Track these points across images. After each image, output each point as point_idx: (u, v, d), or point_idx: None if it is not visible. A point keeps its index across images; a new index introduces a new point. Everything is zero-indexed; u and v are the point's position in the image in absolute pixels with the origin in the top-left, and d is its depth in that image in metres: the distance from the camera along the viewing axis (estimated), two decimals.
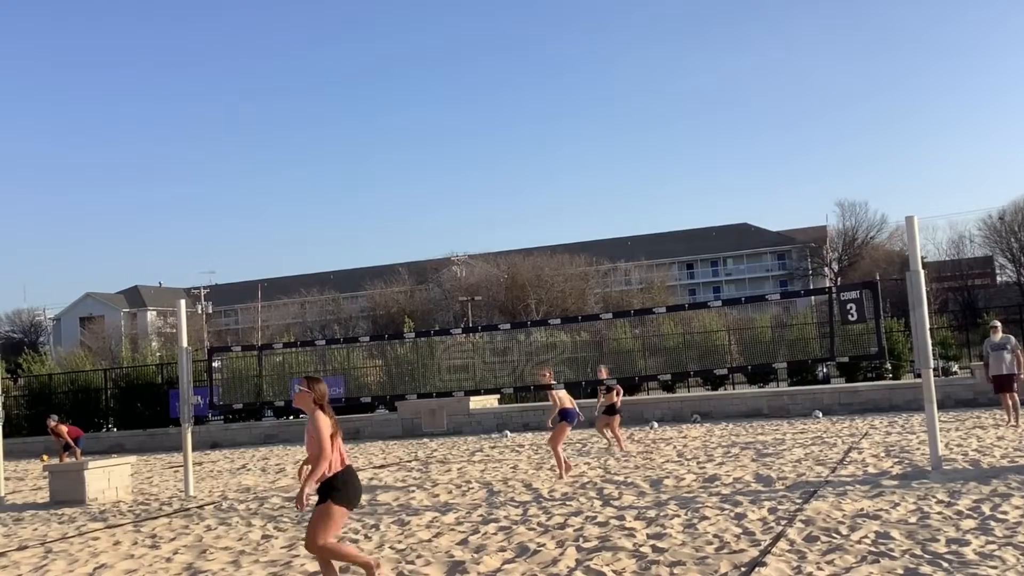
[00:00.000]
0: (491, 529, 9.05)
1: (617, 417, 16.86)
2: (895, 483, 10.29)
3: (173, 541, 9.68)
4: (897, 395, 23.38)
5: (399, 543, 8.62)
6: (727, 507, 9.39)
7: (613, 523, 8.90)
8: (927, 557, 6.62)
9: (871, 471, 11.45)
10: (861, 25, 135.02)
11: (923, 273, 11.55)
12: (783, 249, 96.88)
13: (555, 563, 7.27)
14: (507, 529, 9.00)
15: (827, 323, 16.56)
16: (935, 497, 9.16)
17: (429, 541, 8.64)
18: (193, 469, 15.13)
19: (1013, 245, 79.32)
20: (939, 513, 8.29)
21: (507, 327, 28.03)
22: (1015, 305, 54.32)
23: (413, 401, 26.36)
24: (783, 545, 7.34)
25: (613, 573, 6.84)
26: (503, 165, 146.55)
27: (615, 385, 16.50)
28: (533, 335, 32.15)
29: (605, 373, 16.97)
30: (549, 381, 13.51)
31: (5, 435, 18.95)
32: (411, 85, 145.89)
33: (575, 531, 8.61)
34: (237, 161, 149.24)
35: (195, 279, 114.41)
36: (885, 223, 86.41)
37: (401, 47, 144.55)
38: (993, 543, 6.92)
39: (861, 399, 23.67)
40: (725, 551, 7.30)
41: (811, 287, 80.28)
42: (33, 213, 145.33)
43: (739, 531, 8.09)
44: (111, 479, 14.41)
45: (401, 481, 14.04)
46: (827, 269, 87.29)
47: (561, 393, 13.45)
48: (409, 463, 17.42)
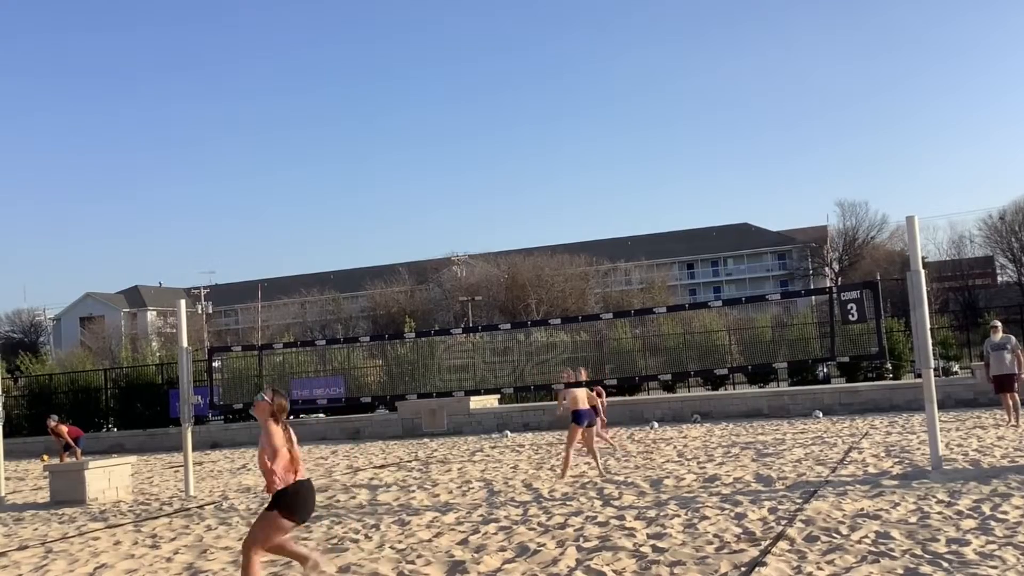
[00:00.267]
0: (491, 529, 9.06)
1: (599, 419, 16.59)
2: (895, 483, 10.30)
3: (173, 541, 9.68)
4: (897, 395, 23.38)
5: (399, 543, 8.63)
6: (727, 507, 9.39)
7: (613, 523, 8.90)
8: (927, 557, 6.62)
9: (871, 471, 11.45)
10: (861, 25, 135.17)
11: (923, 273, 11.55)
12: (783, 249, 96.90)
13: (555, 563, 7.27)
14: (507, 529, 9.00)
15: (827, 323, 16.57)
16: (935, 497, 9.16)
17: (429, 541, 8.64)
18: (193, 469, 15.13)
19: (1013, 245, 79.35)
20: (939, 513, 8.29)
21: (507, 327, 28.07)
22: (1016, 305, 54.35)
23: (413, 401, 26.37)
24: (783, 545, 7.34)
25: (613, 573, 6.84)
26: (503, 165, 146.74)
27: (595, 386, 16.17)
28: (533, 335, 32.17)
29: (584, 375, 16.90)
30: (569, 380, 13.75)
31: (5, 435, 18.94)
32: (411, 85, 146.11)
33: (575, 531, 8.61)
34: (237, 161, 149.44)
35: (195, 279, 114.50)
36: (885, 223, 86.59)
37: (401, 47, 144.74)
38: (993, 543, 6.92)
39: (861, 399, 23.66)
40: (725, 551, 7.30)
41: (811, 287, 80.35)
42: (33, 213, 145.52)
43: (739, 531, 8.09)
44: (111, 479, 14.41)
45: (401, 481, 14.05)
46: (827, 269, 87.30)
47: (578, 393, 13.44)
48: (409, 463, 17.42)
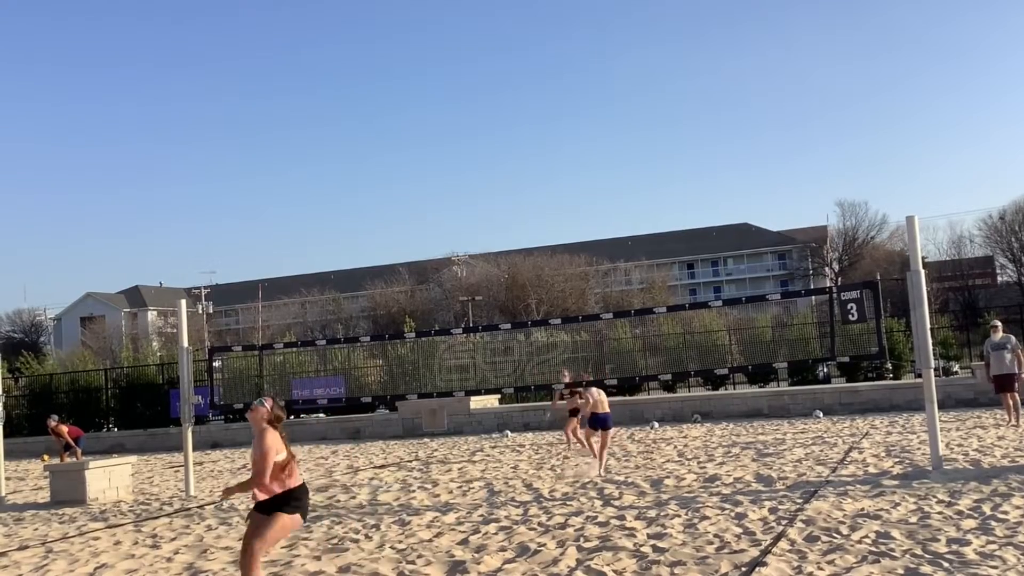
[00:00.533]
0: (492, 529, 9.06)
1: (576, 420, 16.32)
2: (896, 483, 10.30)
3: (174, 541, 9.68)
4: (898, 395, 23.37)
5: (400, 543, 8.63)
6: (727, 507, 9.39)
7: (614, 523, 8.90)
8: (928, 557, 6.62)
9: (872, 471, 11.45)
10: (861, 25, 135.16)
11: (923, 273, 11.55)
12: (784, 249, 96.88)
13: (556, 563, 7.27)
14: (508, 529, 9.00)
15: (827, 323, 16.57)
16: (936, 497, 9.16)
17: (430, 541, 8.65)
18: (194, 469, 15.13)
19: (1013, 245, 79.37)
20: (940, 513, 8.29)
21: (507, 327, 28.10)
22: (1016, 305, 54.36)
23: (414, 401, 26.37)
24: (784, 545, 7.34)
25: (614, 573, 6.84)
26: (503, 165, 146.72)
27: (578, 389, 16.11)
28: (533, 335, 32.17)
29: (568, 376, 16.89)
30: (586, 379, 14.31)
31: (6, 435, 18.93)
32: (411, 85, 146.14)
33: (576, 531, 8.61)
34: (237, 161, 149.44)
35: (196, 279, 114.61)
36: (885, 223, 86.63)
37: (401, 47, 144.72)
38: (994, 543, 6.92)
39: (862, 399, 23.65)
40: (726, 551, 7.30)
41: (811, 287, 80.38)
42: (33, 213, 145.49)
43: (740, 531, 8.09)
44: (112, 479, 14.41)
45: (402, 481, 14.05)
46: (827, 269, 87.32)
47: (601, 396, 13.45)
48: (410, 463, 17.42)
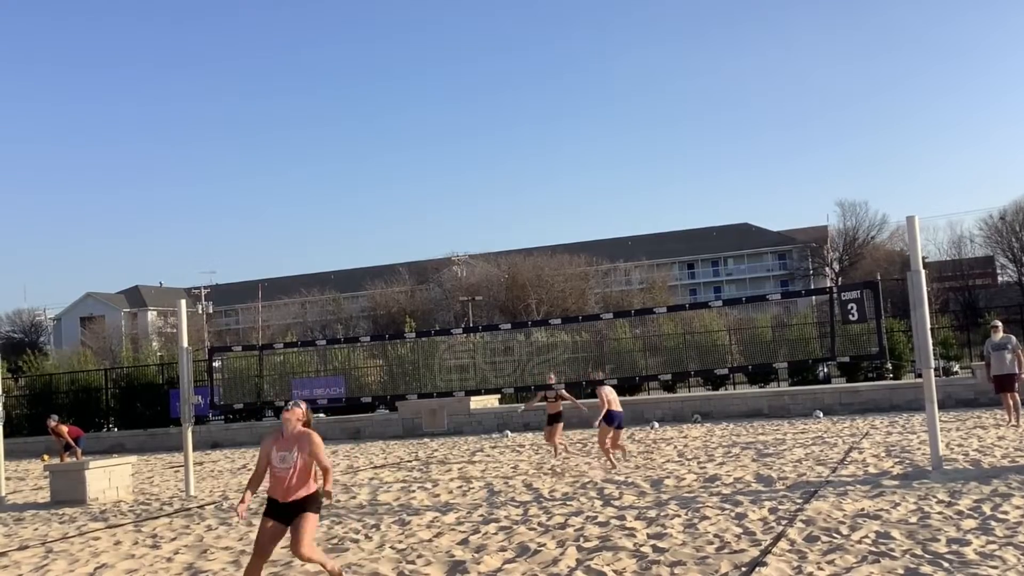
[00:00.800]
0: (492, 529, 9.06)
1: (559, 425, 16.21)
2: (896, 483, 10.30)
3: (174, 541, 9.69)
4: (898, 395, 23.38)
5: (400, 543, 8.63)
6: (728, 507, 9.39)
7: (614, 523, 8.90)
8: (928, 557, 6.62)
9: (872, 471, 11.45)
10: (861, 25, 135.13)
11: (924, 273, 11.55)
12: (784, 249, 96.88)
13: (556, 563, 7.27)
14: (508, 529, 9.00)
15: (828, 323, 16.57)
16: (936, 497, 9.16)
17: (430, 541, 8.65)
18: (194, 469, 15.13)
19: (1014, 245, 79.36)
20: (940, 513, 8.29)
21: (507, 327, 28.03)
22: (1016, 305, 54.38)
23: (414, 401, 26.36)
24: (784, 545, 7.34)
25: (614, 573, 6.84)
26: (503, 165, 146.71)
27: (561, 391, 15.96)
28: (534, 335, 32.17)
29: (553, 378, 16.89)
30: (599, 378, 13.96)
31: (6, 435, 18.95)
32: (411, 85, 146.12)
33: (576, 531, 8.61)
34: (237, 161, 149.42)
35: (195, 279, 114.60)
36: (886, 223, 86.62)
37: (401, 47, 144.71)
38: (994, 543, 6.92)
39: (862, 399, 23.66)
40: (726, 551, 7.30)
41: (812, 287, 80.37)
42: (33, 213, 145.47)
43: (740, 531, 8.09)
44: (112, 479, 14.41)
45: (402, 481, 14.05)
46: (828, 269, 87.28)
47: (609, 393, 13.55)
48: (410, 463, 17.43)
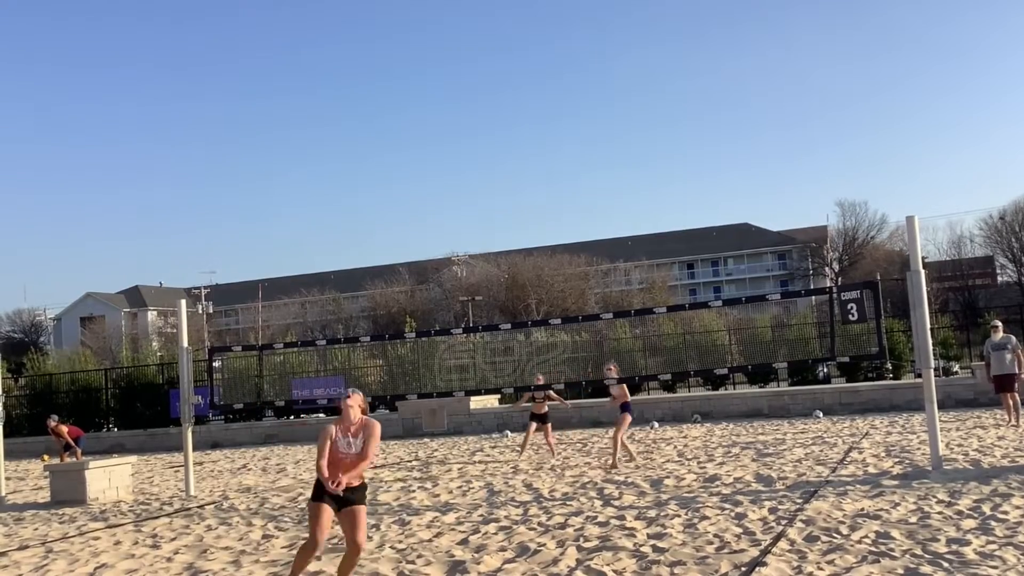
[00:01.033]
0: (491, 529, 9.06)
1: (549, 425, 16.27)
2: (895, 483, 10.30)
3: (174, 541, 9.69)
4: (898, 395, 23.38)
5: (400, 543, 8.63)
6: (727, 507, 9.40)
7: (613, 523, 8.90)
8: (927, 557, 6.62)
9: (871, 471, 11.46)
10: (861, 25, 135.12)
11: (923, 273, 11.55)
12: (784, 249, 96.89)
13: (555, 563, 7.27)
14: (507, 529, 9.00)
15: (827, 323, 16.58)
16: (935, 497, 9.16)
17: (430, 541, 8.65)
18: (194, 469, 15.13)
19: (1013, 245, 79.36)
20: (939, 513, 8.29)
21: (507, 327, 28.03)
22: (1016, 305, 54.40)
23: (414, 401, 26.35)
24: (783, 545, 7.34)
25: (613, 573, 6.84)
26: (503, 165, 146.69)
27: (549, 392, 16.01)
28: (533, 335, 32.17)
29: (541, 379, 17.08)
30: (616, 375, 14.46)
31: (6, 435, 18.94)
32: (411, 85, 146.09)
33: (575, 531, 8.61)
34: (237, 161, 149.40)
35: (195, 279, 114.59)
36: (885, 223, 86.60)
37: (401, 47, 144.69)
38: (993, 543, 6.92)
39: (862, 399, 23.66)
40: (725, 551, 7.30)
41: (812, 287, 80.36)
42: (33, 213, 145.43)
43: (739, 531, 8.09)
44: (112, 479, 14.41)
45: (401, 481, 14.05)
46: (828, 269, 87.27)
47: (624, 387, 14.37)
48: (409, 463, 17.42)
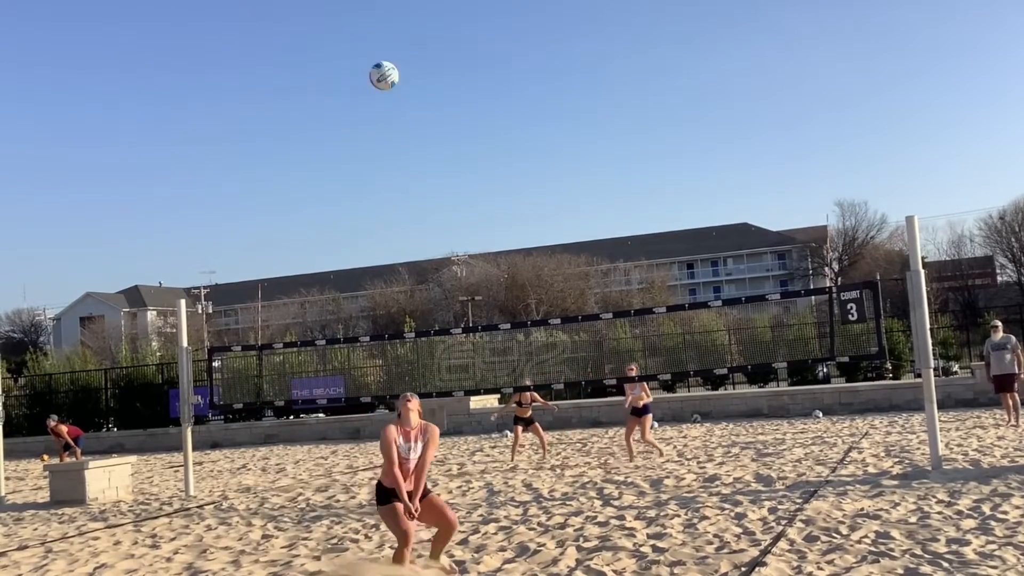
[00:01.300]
0: (491, 529, 9.05)
1: (536, 424, 16.32)
2: (895, 483, 10.30)
3: (173, 541, 9.68)
4: (897, 395, 23.37)
5: None
6: (727, 507, 9.39)
7: (613, 523, 8.90)
8: (927, 557, 6.62)
9: (871, 471, 11.45)
10: (861, 25, 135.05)
11: (923, 273, 11.55)
12: (783, 249, 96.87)
13: (555, 563, 7.27)
14: (507, 529, 9.00)
15: (827, 323, 16.57)
16: (935, 497, 9.16)
17: (429, 541, 8.62)
18: (193, 469, 15.13)
19: (1013, 245, 79.34)
20: (939, 513, 8.29)
21: (507, 327, 28.01)
22: (1015, 305, 54.38)
23: None
24: (783, 545, 7.34)
25: (613, 573, 6.84)
26: (503, 165, 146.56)
27: (534, 393, 16.23)
28: (533, 335, 32.15)
29: (529, 381, 17.11)
30: (636, 374, 14.90)
31: (5, 435, 18.93)
32: (411, 85, 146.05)
33: (575, 531, 8.61)
34: (238, 161, 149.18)
35: (195, 279, 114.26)
36: (885, 223, 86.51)
37: (401, 47, 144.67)
38: (993, 543, 6.92)
39: (861, 399, 23.66)
40: (725, 551, 7.30)
41: (811, 287, 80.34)
42: (33, 213, 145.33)
43: (739, 531, 8.09)
44: (111, 479, 14.41)
45: None
46: (827, 269, 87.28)
47: (647, 387, 14.80)
48: None
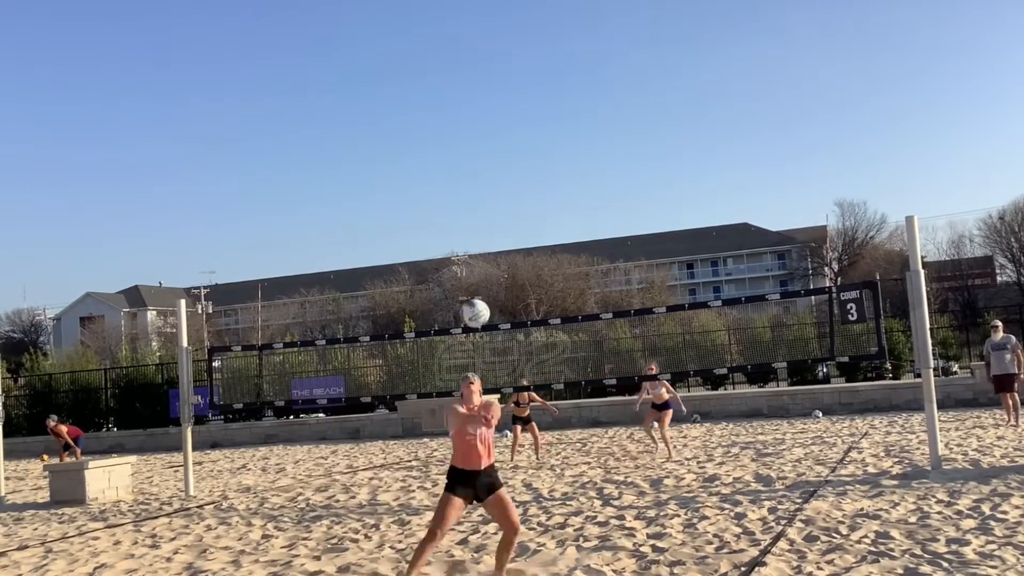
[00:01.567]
0: (491, 529, 9.05)
1: (533, 424, 16.43)
2: (895, 483, 10.30)
3: (173, 541, 9.68)
4: (897, 395, 23.39)
5: (399, 543, 8.63)
6: (727, 507, 9.40)
7: (613, 523, 8.91)
8: (927, 557, 6.63)
9: (871, 471, 11.46)
10: (861, 25, 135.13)
11: (923, 273, 11.55)
12: (783, 249, 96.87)
13: (555, 563, 7.27)
14: None
15: (827, 323, 16.58)
16: (935, 497, 9.16)
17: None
18: (193, 469, 15.14)
19: (1013, 245, 79.29)
20: (939, 513, 8.29)
21: (507, 327, 27.99)
22: (1015, 305, 54.36)
23: (413, 401, 26.25)
24: (783, 545, 7.34)
25: (613, 573, 6.84)
26: (503, 165, 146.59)
27: (532, 393, 16.36)
28: (533, 335, 32.14)
29: (526, 381, 17.19)
30: (657, 372, 15.35)
31: (5, 435, 18.95)
32: (411, 85, 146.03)
33: (575, 531, 8.61)
34: (238, 161, 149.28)
35: (195, 279, 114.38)
36: (885, 223, 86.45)
37: (401, 47, 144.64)
38: (993, 543, 6.93)
39: (861, 399, 23.67)
40: (725, 551, 7.30)
41: (811, 287, 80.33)
42: (33, 213, 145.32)
43: (739, 531, 8.09)
44: (111, 479, 14.41)
45: (401, 481, 14.05)
46: (827, 269, 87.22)
47: (668, 384, 15.37)
48: (409, 463, 17.42)
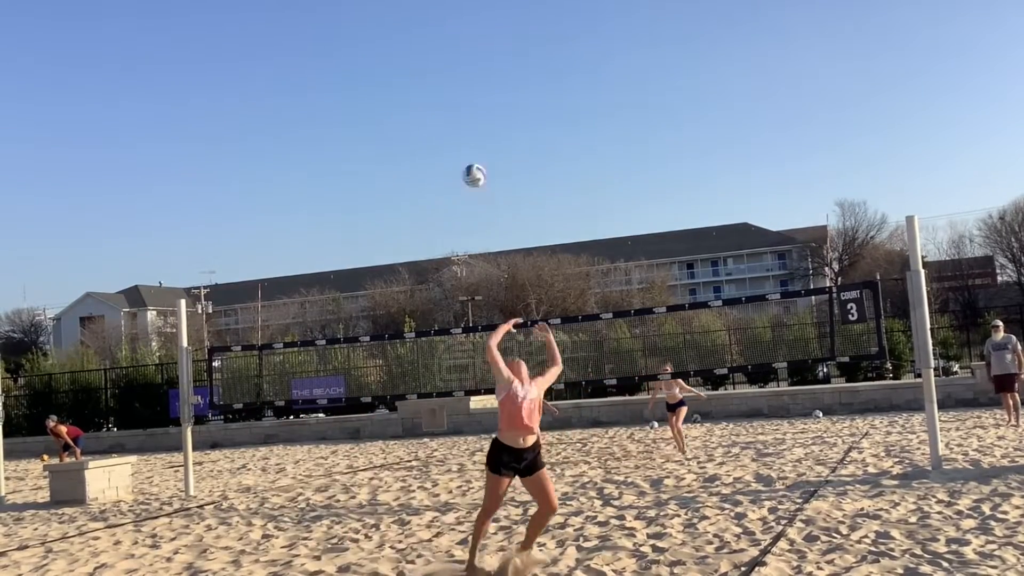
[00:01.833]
0: (491, 528, 9.03)
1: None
2: (895, 483, 10.30)
3: (173, 541, 9.68)
4: (897, 395, 23.38)
5: (399, 543, 8.63)
6: (727, 507, 9.40)
7: (613, 523, 8.90)
8: (927, 557, 6.63)
9: (871, 471, 11.46)
10: (861, 25, 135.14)
11: (923, 273, 11.55)
12: (783, 249, 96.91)
13: (555, 563, 7.27)
14: (507, 529, 9.00)
15: (827, 323, 16.59)
16: (935, 497, 9.16)
17: (429, 541, 8.64)
18: (193, 469, 15.13)
19: (1013, 245, 79.35)
20: (939, 513, 8.29)
21: None
22: (1016, 305, 54.40)
23: (413, 401, 26.36)
24: (783, 545, 7.34)
25: (613, 573, 6.84)
26: (503, 165, 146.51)
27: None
28: (533, 335, 32.12)
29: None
30: (671, 371, 15.79)
31: (5, 435, 18.94)
32: (411, 85, 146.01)
33: (575, 531, 8.61)
34: (238, 161, 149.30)
35: (195, 279, 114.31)
36: (885, 223, 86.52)
37: (401, 47, 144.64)
38: (993, 543, 6.93)
39: (861, 399, 23.67)
40: (725, 551, 7.30)
41: (811, 287, 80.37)
42: (33, 213, 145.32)
43: (739, 531, 8.09)
44: (111, 479, 14.41)
45: (401, 481, 14.05)
46: (827, 269, 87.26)
47: (682, 383, 15.70)
48: (409, 463, 17.42)
